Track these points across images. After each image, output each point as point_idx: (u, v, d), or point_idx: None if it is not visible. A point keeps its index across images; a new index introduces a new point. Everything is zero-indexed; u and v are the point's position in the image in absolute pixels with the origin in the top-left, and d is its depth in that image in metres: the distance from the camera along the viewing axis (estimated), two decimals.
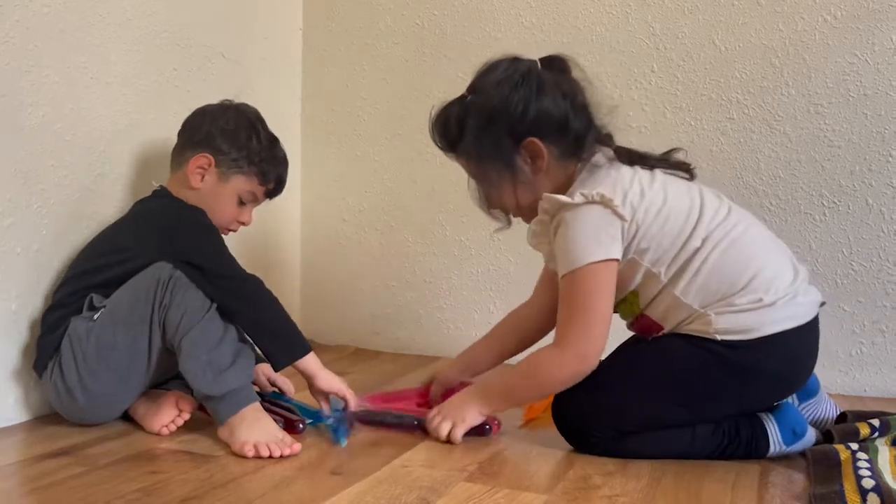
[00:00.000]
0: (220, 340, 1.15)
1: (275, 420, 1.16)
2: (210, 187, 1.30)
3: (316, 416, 1.25)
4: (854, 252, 1.57)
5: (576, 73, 1.17)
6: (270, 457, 1.09)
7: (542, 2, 1.76)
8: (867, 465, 0.99)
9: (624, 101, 1.70)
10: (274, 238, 1.90)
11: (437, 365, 1.37)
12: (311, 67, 1.96)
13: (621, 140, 1.77)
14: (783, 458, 1.12)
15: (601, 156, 1.15)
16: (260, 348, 1.20)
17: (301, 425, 1.20)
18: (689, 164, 1.19)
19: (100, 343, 1.17)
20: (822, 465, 1.02)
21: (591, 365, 1.10)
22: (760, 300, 1.06)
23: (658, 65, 1.67)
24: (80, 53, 1.33)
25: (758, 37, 1.61)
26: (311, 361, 1.22)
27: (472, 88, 1.17)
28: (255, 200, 1.36)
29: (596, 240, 1.08)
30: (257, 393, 1.29)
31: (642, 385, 1.10)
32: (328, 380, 1.23)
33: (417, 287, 1.89)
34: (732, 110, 1.63)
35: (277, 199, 1.44)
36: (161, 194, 1.32)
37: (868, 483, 0.93)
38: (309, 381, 1.24)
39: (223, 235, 1.33)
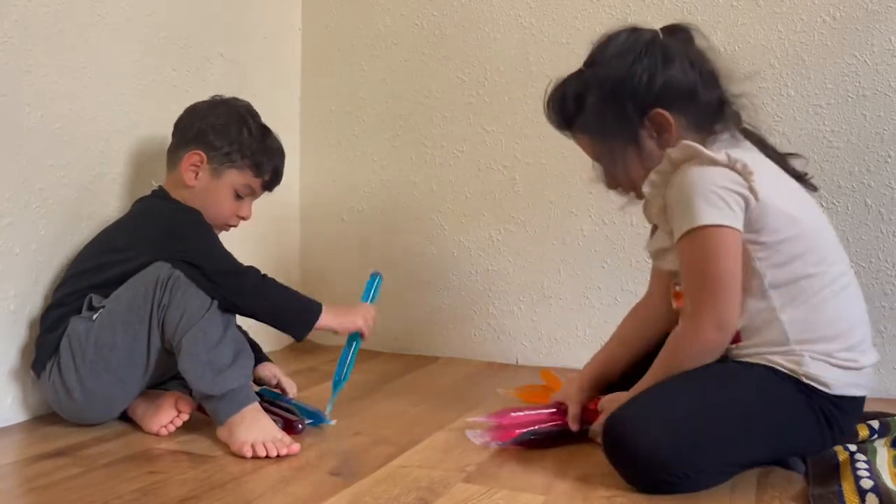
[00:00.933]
0: (220, 340, 1.15)
1: (274, 420, 1.16)
2: (205, 184, 1.30)
3: (316, 417, 1.25)
4: (852, 253, 1.57)
5: (700, 43, 1.10)
6: (268, 457, 1.08)
7: (542, 2, 1.76)
8: (865, 465, 0.99)
9: None
10: (273, 238, 1.90)
11: (563, 385, 1.29)
12: (310, 67, 1.96)
13: None
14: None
15: (728, 133, 1.07)
16: (277, 328, 1.23)
17: (300, 426, 1.20)
18: (808, 175, 1.11)
19: (99, 343, 1.17)
20: (820, 467, 1.02)
21: (730, 333, 1.01)
22: (856, 361, 1.01)
23: None
24: (78, 53, 1.33)
25: (756, 38, 1.61)
26: (327, 319, 1.26)
27: (591, 61, 1.11)
28: (253, 194, 1.36)
29: (725, 203, 0.98)
30: (256, 393, 1.29)
31: (735, 421, 0.99)
32: (347, 326, 1.29)
33: (416, 287, 1.89)
34: None
35: (276, 198, 1.44)
36: (159, 194, 1.32)
37: (866, 483, 0.93)
38: (337, 333, 1.30)
39: (224, 231, 1.34)
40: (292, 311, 1.24)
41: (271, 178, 1.36)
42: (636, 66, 1.05)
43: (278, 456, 1.09)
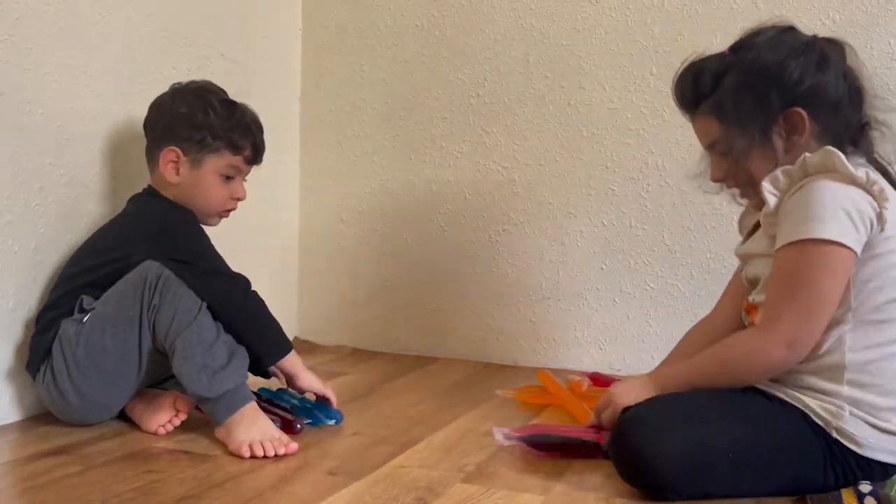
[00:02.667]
0: (215, 340, 1.14)
1: (272, 420, 1.16)
2: (188, 177, 1.26)
3: (315, 417, 1.25)
4: None
5: (851, 61, 1.04)
6: (265, 456, 1.08)
7: (542, 4, 1.76)
8: None
9: (623, 104, 1.71)
10: (272, 238, 1.90)
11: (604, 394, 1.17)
12: (311, 67, 1.96)
13: (620, 143, 1.78)
14: None
15: (858, 158, 1.00)
16: (247, 346, 1.19)
17: (298, 425, 1.20)
18: None
19: (89, 346, 1.16)
20: None
21: (799, 355, 0.94)
22: None
23: (657, 67, 1.67)
24: (79, 52, 1.33)
25: None
26: (297, 360, 1.25)
27: (738, 47, 1.04)
28: (240, 172, 1.31)
29: (853, 224, 0.92)
30: (255, 393, 1.29)
31: (752, 465, 0.95)
32: (309, 379, 1.26)
33: (415, 288, 1.89)
34: None
35: (275, 198, 1.44)
36: (150, 192, 1.30)
37: (865, 487, 0.93)
38: (290, 380, 1.27)
39: (225, 217, 1.32)
40: (270, 336, 1.23)
41: (253, 153, 1.30)
42: (790, 60, 0.99)
43: (276, 455, 1.09)
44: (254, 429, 1.11)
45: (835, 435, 0.95)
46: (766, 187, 0.99)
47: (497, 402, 1.44)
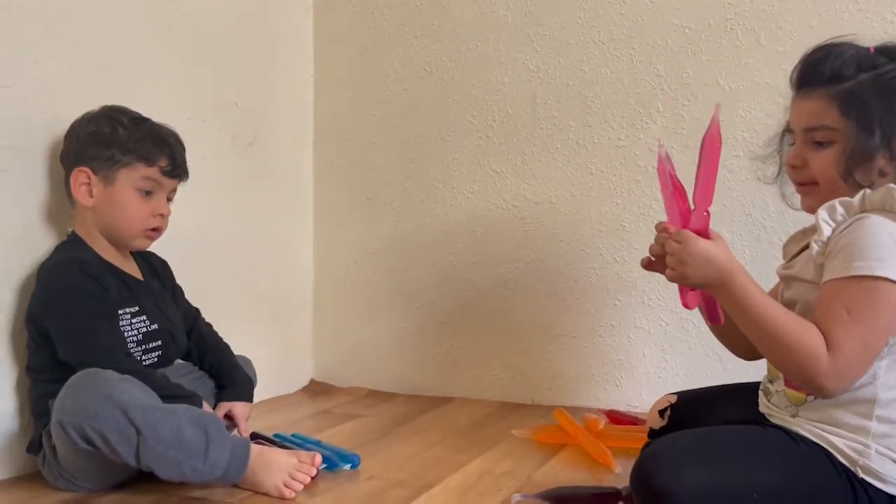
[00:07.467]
0: (176, 434, 1.04)
1: None
2: (102, 197, 1.21)
3: (331, 462, 1.24)
4: None
5: None
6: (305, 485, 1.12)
7: (548, 46, 1.79)
8: None
9: (630, 142, 1.72)
10: (286, 280, 1.91)
11: None
12: (323, 113, 2.00)
13: (629, 180, 1.78)
14: None
15: None
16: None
17: (315, 470, 1.19)
18: None
19: (69, 463, 1.11)
20: None
21: (842, 389, 0.93)
22: None
23: (664, 105, 1.69)
24: (95, 103, 1.36)
25: (761, 76, 1.63)
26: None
27: (884, 49, 1.00)
28: (160, 187, 1.24)
29: None
30: (269, 440, 1.29)
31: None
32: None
33: (429, 328, 1.89)
34: (739, 148, 1.64)
35: (289, 240, 1.43)
36: (62, 245, 1.24)
37: None
38: None
39: (154, 237, 1.26)
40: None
41: (170, 163, 1.23)
42: None
43: (313, 478, 1.13)
44: (274, 469, 1.11)
45: (860, 474, 0.93)
46: (822, 215, 0.97)
47: (513, 443, 1.43)
